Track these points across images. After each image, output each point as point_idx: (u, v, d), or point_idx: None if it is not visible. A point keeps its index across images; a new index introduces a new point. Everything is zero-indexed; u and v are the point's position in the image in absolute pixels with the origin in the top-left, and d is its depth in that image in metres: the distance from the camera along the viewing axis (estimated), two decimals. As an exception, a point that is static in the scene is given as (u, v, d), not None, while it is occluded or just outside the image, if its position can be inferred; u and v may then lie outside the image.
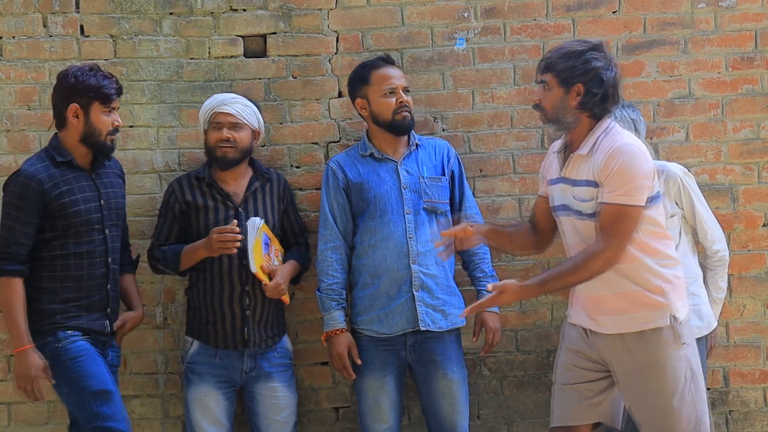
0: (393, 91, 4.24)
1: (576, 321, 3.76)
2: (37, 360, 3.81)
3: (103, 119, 3.93)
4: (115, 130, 3.98)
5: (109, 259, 4.00)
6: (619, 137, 3.59)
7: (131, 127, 4.54)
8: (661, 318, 3.58)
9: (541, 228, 3.87)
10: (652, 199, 3.59)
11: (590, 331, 3.71)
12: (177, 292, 4.53)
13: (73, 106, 3.90)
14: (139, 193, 4.54)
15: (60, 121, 3.96)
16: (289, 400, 4.28)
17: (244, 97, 4.34)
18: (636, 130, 4.18)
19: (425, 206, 4.25)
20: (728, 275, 4.42)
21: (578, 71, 3.56)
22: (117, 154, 4.45)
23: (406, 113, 4.25)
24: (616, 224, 3.50)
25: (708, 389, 4.55)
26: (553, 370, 3.91)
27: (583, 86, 3.57)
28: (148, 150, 4.56)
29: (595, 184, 3.56)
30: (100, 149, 3.97)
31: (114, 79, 3.98)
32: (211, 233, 4.10)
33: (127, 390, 4.44)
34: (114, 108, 3.96)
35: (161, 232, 4.32)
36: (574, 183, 3.62)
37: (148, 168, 4.55)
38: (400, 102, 4.23)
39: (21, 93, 4.49)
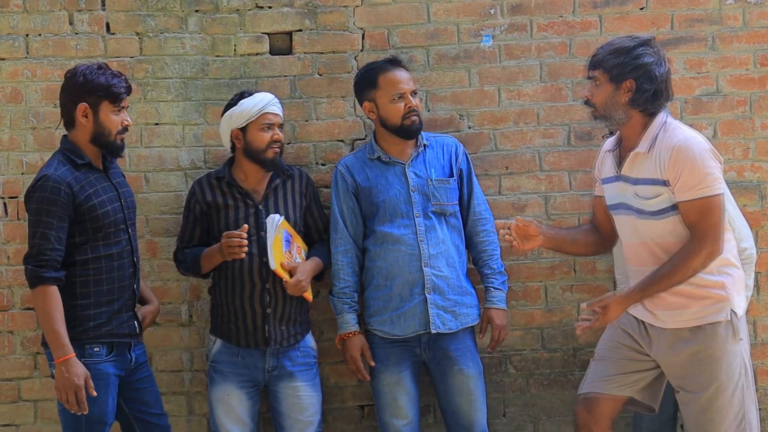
0: (402, 96, 4.22)
1: (634, 312, 3.74)
2: (80, 369, 3.72)
3: (113, 119, 3.87)
4: (125, 129, 3.91)
5: (135, 258, 3.99)
6: (679, 132, 3.58)
7: (157, 124, 4.54)
8: (721, 312, 3.59)
9: (605, 228, 3.86)
10: None
11: (648, 324, 3.70)
12: (202, 290, 4.52)
13: (82, 106, 3.84)
14: (165, 191, 4.54)
15: (69, 121, 3.90)
16: (313, 400, 4.25)
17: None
18: None
19: (434, 209, 4.25)
20: (756, 273, 4.39)
21: (628, 67, 3.55)
22: (142, 152, 4.52)
23: (415, 117, 4.23)
24: (704, 219, 3.50)
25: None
26: (594, 353, 3.91)
27: (634, 82, 3.56)
28: (174, 147, 4.54)
29: (661, 183, 3.56)
30: (110, 149, 3.91)
31: (123, 77, 3.92)
32: (223, 237, 4.08)
33: (153, 387, 4.45)
34: (123, 107, 3.91)
35: (184, 235, 4.31)
36: (635, 181, 3.61)
37: (173, 165, 4.54)
38: (409, 107, 4.22)
39: (47, 91, 4.48)
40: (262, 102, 4.20)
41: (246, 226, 4.06)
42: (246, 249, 4.04)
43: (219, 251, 4.11)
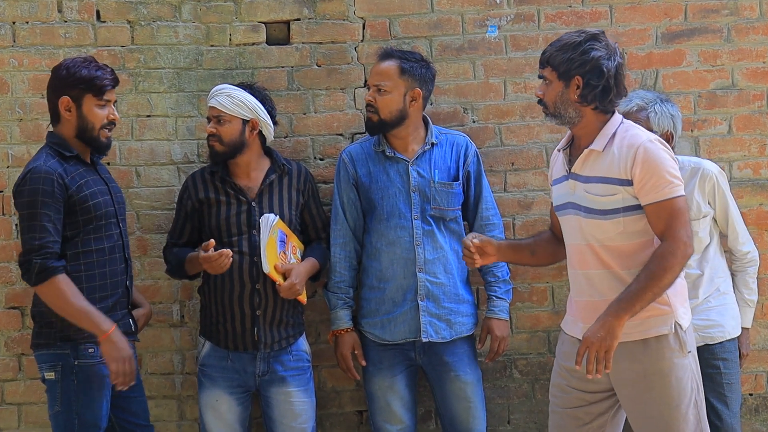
0: (369, 89, 4.14)
1: (571, 331, 3.60)
2: (125, 340, 3.68)
3: (97, 112, 3.76)
4: (111, 123, 3.81)
5: (126, 254, 3.88)
6: (642, 134, 3.46)
7: (149, 116, 4.41)
8: (665, 325, 3.42)
9: (562, 236, 3.70)
10: None
11: None
12: (194, 289, 4.38)
13: (64, 99, 3.75)
14: (156, 186, 4.41)
15: (54, 115, 3.81)
16: (306, 405, 4.11)
17: (250, 85, 4.17)
18: (674, 127, 4.09)
19: (433, 213, 4.11)
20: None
21: (576, 63, 3.43)
22: (133, 145, 4.42)
23: (368, 115, 4.11)
24: (674, 219, 3.37)
25: (750, 395, 4.48)
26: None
27: (582, 78, 3.42)
28: (166, 141, 4.41)
29: (619, 182, 3.42)
30: (95, 144, 3.81)
31: (109, 70, 3.81)
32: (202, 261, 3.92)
33: (143, 391, 4.30)
34: (109, 101, 3.80)
35: (174, 231, 4.19)
36: (587, 179, 3.48)
37: (165, 159, 4.41)
38: (366, 101, 4.12)
39: (34, 80, 4.34)
40: (210, 94, 4.12)
41: (212, 241, 3.89)
42: (229, 262, 3.88)
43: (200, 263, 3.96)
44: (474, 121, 4.47)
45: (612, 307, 3.34)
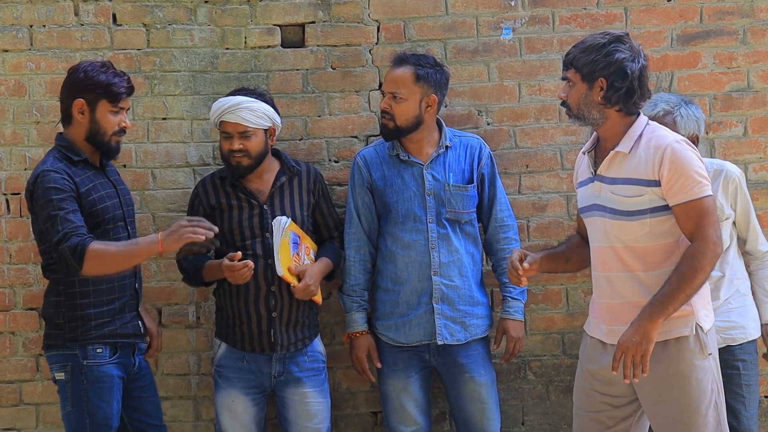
0: (385, 96, 4.12)
1: (593, 333, 3.60)
2: (168, 230, 3.63)
3: (110, 119, 3.77)
4: (122, 131, 3.82)
5: None
6: (668, 134, 3.46)
7: (164, 119, 4.42)
8: (686, 327, 3.41)
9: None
10: None
11: (611, 345, 3.51)
12: (210, 291, 4.38)
13: (79, 102, 3.75)
14: (172, 188, 4.42)
15: (66, 117, 3.82)
16: (321, 406, 4.12)
17: (254, 90, 4.13)
18: (699, 129, 4.08)
19: (448, 216, 4.10)
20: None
21: (600, 65, 3.42)
22: (149, 147, 4.43)
23: (384, 122, 4.09)
24: (703, 219, 3.36)
25: (766, 397, 4.45)
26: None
27: (606, 80, 3.42)
28: (182, 143, 4.42)
29: (646, 183, 3.41)
30: (104, 149, 3.82)
31: (126, 77, 3.82)
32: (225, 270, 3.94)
33: (158, 391, 4.28)
34: (123, 108, 3.81)
35: None
36: (613, 181, 3.47)
37: (181, 162, 4.42)
38: (382, 108, 4.10)
39: (51, 83, 4.35)
40: (220, 108, 4.05)
41: (239, 253, 3.91)
42: (251, 274, 3.91)
43: (221, 271, 3.97)
44: (488, 124, 4.46)
45: (645, 311, 3.33)
